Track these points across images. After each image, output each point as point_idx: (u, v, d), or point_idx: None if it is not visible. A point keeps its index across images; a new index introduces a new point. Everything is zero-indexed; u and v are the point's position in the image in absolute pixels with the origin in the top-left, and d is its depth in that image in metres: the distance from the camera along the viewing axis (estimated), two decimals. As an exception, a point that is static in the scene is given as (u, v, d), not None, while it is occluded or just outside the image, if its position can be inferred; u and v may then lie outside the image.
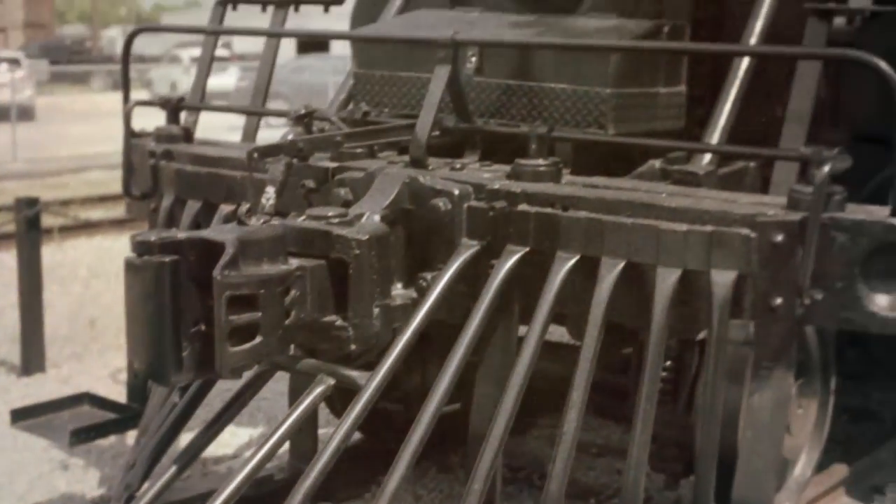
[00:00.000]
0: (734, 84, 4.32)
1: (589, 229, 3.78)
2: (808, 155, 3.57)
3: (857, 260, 3.53)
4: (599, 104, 4.35)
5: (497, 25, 4.82)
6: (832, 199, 3.56)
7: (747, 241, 3.56)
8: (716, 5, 5.46)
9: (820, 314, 3.60)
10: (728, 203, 3.74)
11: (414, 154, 4.24)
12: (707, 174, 4.15)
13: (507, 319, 4.00)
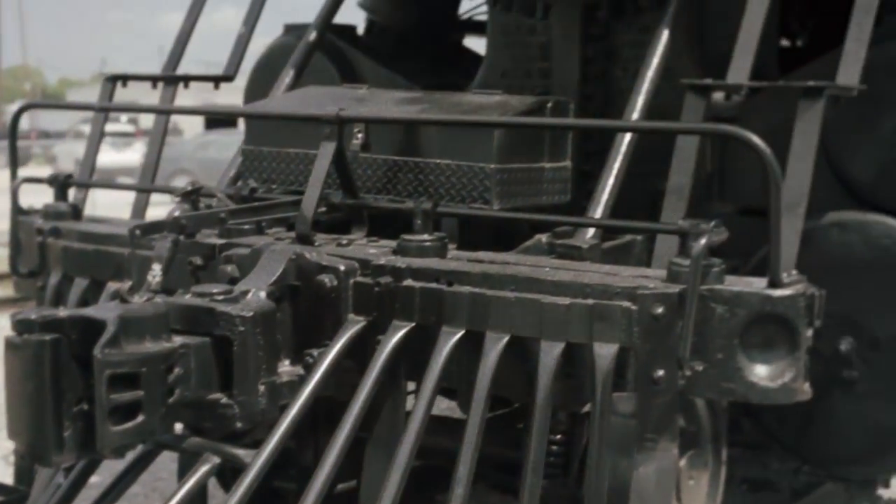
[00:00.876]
0: (617, 159, 4.39)
1: (473, 304, 3.80)
2: (685, 228, 3.63)
3: (736, 331, 3.58)
4: (484, 179, 4.39)
5: (384, 102, 4.86)
6: (711, 271, 3.62)
7: (628, 314, 3.60)
8: (603, 82, 5.56)
9: (701, 385, 3.64)
10: (610, 276, 3.79)
11: (300, 230, 4.25)
12: (591, 248, 4.20)
13: (394, 395, 4.01)
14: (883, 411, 4.92)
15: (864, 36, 4.38)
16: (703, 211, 5.04)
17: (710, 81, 4.38)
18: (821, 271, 4.67)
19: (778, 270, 3.60)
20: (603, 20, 5.53)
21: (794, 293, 3.58)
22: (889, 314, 4.81)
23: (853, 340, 4.90)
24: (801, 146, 4.04)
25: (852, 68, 4.30)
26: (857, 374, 4.92)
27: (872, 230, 4.83)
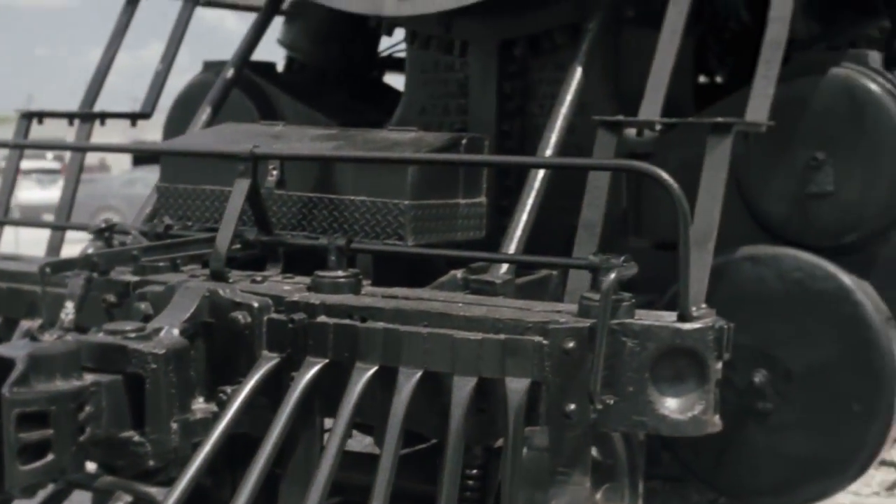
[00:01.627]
0: (530, 195, 4.43)
1: (387, 340, 3.81)
2: (595, 263, 3.66)
3: (646, 364, 3.62)
4: (398, 216, 4.41)
5: (300, 138, 4.87)
6: (621, 305, 3.65)
7: (539, 349, 3.62)
8: (521, 119, 5.60)
9: (613, 419, 3.67)
10: (522, 311, 3.81)
11: (214, 267, 4.23)
12: (504, 283, 4.23)
13: (308, 431, 4.00)
14: (797, 443, 4.98)
15: (771, 73, 4.45)
16: (620, 246, 5.09)
17: (622, 118, 4.44)
18: (735, 305, 4.75)
19: (687, 304, 3.64)
20: (520, 57, 5.58)
21: (703, 326, 3.62)
22: (802, 347, 4.88)
23: (767, 373, 4.96)
24: (709, 181, 4.09)
25: (760, 105, 4.37)
26: (772, 406, 4.98)
27: (784, 264, 4.90)
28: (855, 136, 4.94)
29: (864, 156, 4.92)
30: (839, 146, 4.94)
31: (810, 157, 4.94)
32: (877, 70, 5.01)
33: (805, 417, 4.94)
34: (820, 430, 4.93)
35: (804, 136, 4.97)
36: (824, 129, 4.96)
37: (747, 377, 4.98)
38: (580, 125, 4.94)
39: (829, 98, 4.97)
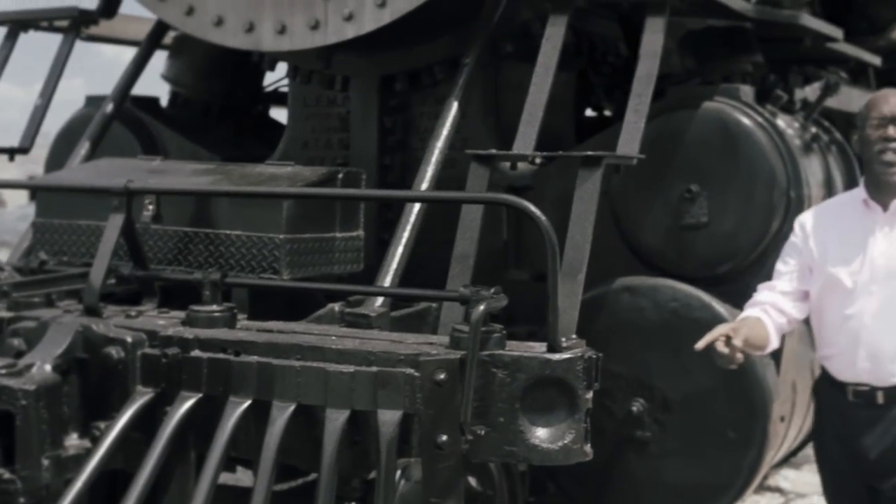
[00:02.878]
0: (406, 228, 4.47)
1: (260, 373, 3.80)
2: (466, 295, 3.69)
3: (516, 395, 3.64)
4: (273, 250, 4.41)
5: (177, 173, 4.86)
6: (492, 336, 3.68)
7: (411, 381, 3.63)
8: (402, 153, 5.64)
9: (484, 449, 3.69)
10: (394, 344, 3.83)
11: (88, 302, 4.20)
12: (379, 316, 4.25)
13: (182, 466, 3.97)
14: (676, 470, 5.04)
15: (642, 107, 4.53)
16: (501, 278, 5.14)
17: (494, 151, 4.49)
18: (613, 335, 4.82)
19: (556, 335, 3.67)
20: (400, 92, 5.63)
21: (572, 357, 3.65)
22: (679, 376, 4.95)
23: (645, 402, 5.02)
24: (580, 214, 4.15)
25: (631, 138, 4.44)
26: (650, 434, 5.04)
27: (661, 294, 4.98)
28: (728, 168, 5.03)
29: (738, 188, 5.02)
30: (713, 178, 5.03)
31: (685, 190, 5.03)
32: (749, 104, 5.12)
33: (683, 445, 5.01)
34: (698, 457, 5.00)
35: (679, 168, 5.06)
36: (698, 161, 5.05)
37: (626, 406, 5.04)
38: (461, 159, 4.98)
39: (702, 131, 5.06)
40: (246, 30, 5.22)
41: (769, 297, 4.40)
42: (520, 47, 5.40)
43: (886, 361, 4.25)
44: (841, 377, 4.36)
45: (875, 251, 4.28)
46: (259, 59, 5.88)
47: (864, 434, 4.29)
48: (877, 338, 4.25)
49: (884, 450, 4.25)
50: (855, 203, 4.40)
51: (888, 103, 4.27)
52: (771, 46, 6.02)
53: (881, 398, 4.27)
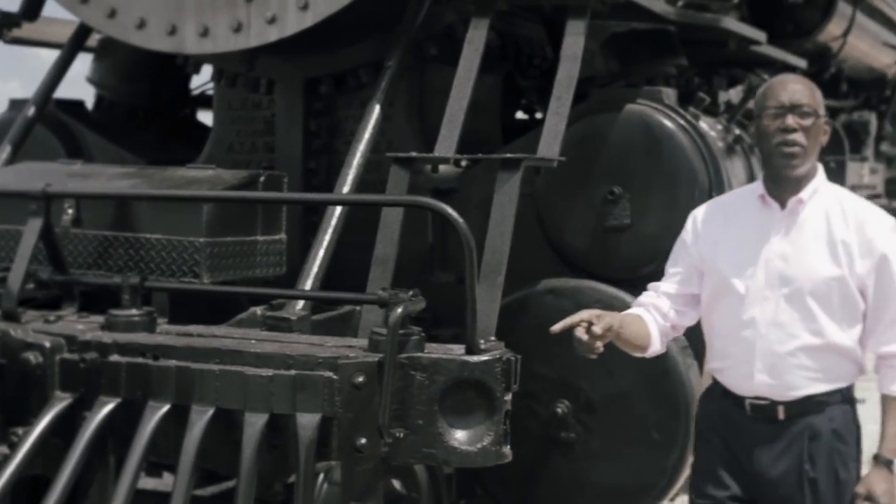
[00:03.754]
0: (327, 231, 4.47)
1: (179, 378, 3.79)
2: (384, 298, 3.69)
3: (435, 397, 3.65)
4: (193, 253, 4.40)
5: (97, 177, 4.83)
6: (410, 339, 3.69)
7: (330, 384, 3.63)
8: (327, 156, 5.63)
9: (403, 451, 3.69)
10: (314, 347, 3.83)
11: (6, 307, 4.17)
12: (300, 319, 4.24)
13: (102, 471, 3.95)
14: (600, 471, 5.07)
15: (563, 110, 4.55)
16: (427, 281, 5.15)
17: (414, 154, 4.49)
18: (537, 337, 4.82)
19: (474, 337, 3.68)
20: (325, 95, 5.62)
21: (491, 359, 3.66)
22: (602, 377, 4.97)
23: (570, 403, 5.04)
24: (499, 216, 4.16)
25: (552, 140, 4.46)
26: (575, 436, 5.06)
27: (584, 296, 4.99)
28: (650, 170, 5.06)
29: (660, 190, 5.05)
30: (635, 181, 5.06)
31: (608, 192, 5.05)
32: (671, 107, 5.15)
33: (607, 446, 5.04)
34: (622, 458, 5.02)
35: (602, 171, 5.08)
36: (621, 164, 5.08)
37: (550, 408, 5.06)
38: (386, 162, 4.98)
39: (625, 134, 5.09)
40: (168, 32, 5.20)
41: (651, 298, 4.12)
42: (444, 50, 5.41)
43: (785, 374, 3.83)
44: (737, 391, 3.95)
45: (771, 253, 3.86)
46: (183, 62, 5.85)
47: (762, 452, 3.89)
48: (774, 348, 3.83)
49: (785, 470, 3.86)
50: (752, 198, 3.98)
51: (786, 90, 3.84)
52: (697, 49, 6.07)
53: (782, 413, 3.86)
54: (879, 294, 3.81)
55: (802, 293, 3.81)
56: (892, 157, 12.53)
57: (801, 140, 3.80)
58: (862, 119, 10.13)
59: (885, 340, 3.84)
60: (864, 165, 9.81)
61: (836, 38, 8.93)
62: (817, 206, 3.87)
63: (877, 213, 3.91)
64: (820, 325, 3.81)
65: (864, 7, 9.36)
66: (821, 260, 3.81)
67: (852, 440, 3.91)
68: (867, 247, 3.80)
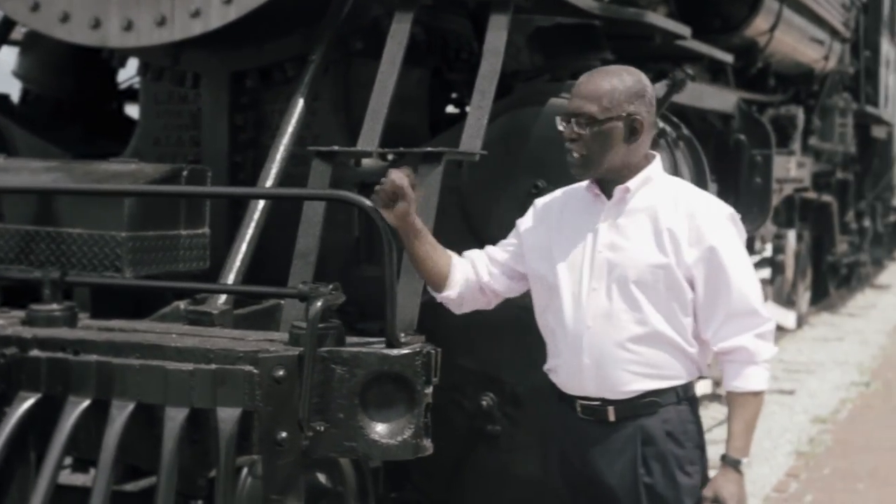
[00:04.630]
0: (249, 226, 4.47)
1: (100, 373, 3.79)
2: (304, 292, 3.71)
3: (355, 391, 3.67)
4: (115, 248, 4.39)
5: (18, 171, 4.80)
6: (330, 332, 3.71)
7: (250, 378, 3.65)
8: (254, 150, 5.62)
9: (324, 445, 3.71)
10: (235, 341, 3.84)
11: (-77, 303, 4.16)
12: (222, 313, 4.25)
13: (22, 467, 3.94)
14: (526, 464, 5.09)
15: (485, 104, 4.57)
16: (354, 275, 5.16)
17: (336, 148, 4.51)
18: (462, 330, 4.84)
19: (394, 331, 3.71)
20: (251, 89, 5.60)
21: (411, 352, 3.69)
22: (527, 370, 4.98)
23: (495, 396, 5.07)
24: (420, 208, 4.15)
25: (474, 135, 4.48)
26: (500, 428, 5.09)
27: None
28: (573, 164, 5.07)
29: (583, 184, 5.07)
30: (559, 174, 5.04)
31: (532, 185, 5.06)
32: (595, 100, 5.17)
33: (532, 439, 5.06)
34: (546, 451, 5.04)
35: (526, 164, 5.09)
36: (545, 157, 5.08)
37: (476, 401, 5.08)
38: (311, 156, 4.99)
39: (549, 128, 5.06)
40: (92, 26, 5.18)
41: (475, 253, 4.03)
42: (370, 44, 5.40)
43: (613, 368, 3.71)
44: (568, 390, 3.83)
45: (598, 244, 3.75)
46: (108, 55, 5.82)
47: (596, 456, 3.78)
48: (601, 340, 3.71)
49: (621, 475, 3.74)
50: (584, 191, 3.90)
51: (574, 96, 3.80)
52: (625, 44, 6.11)
53: (612, 415, 3.75)
54: (710, 287, 3.69)
55: (627, 282, 3.69)
56: (820, 151, 12.69)
57: (580, 150, 3.74)
58: (789, 113, 10.22)
59: (723, 336, 3.71)
60: (790, 159, 9.90)
61: (763, 32, 9.01)
62: (647, 195, 3.78)
63: (711, 203, 3.82)
64: (645, 315, 3.69)
65: (791, 2, 9.44)
66: (646, 248, 3.70)
67: (690, 442, 3.78)
68: (696, 235, 3.68)
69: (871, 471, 7.87)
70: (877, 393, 10.55)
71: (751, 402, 3.73)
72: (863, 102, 15.07)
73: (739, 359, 3.72)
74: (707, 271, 3.70)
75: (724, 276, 3.69)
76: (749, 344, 3.70)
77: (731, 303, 3.69)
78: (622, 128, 3.74)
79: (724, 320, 3.71)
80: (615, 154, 3.75)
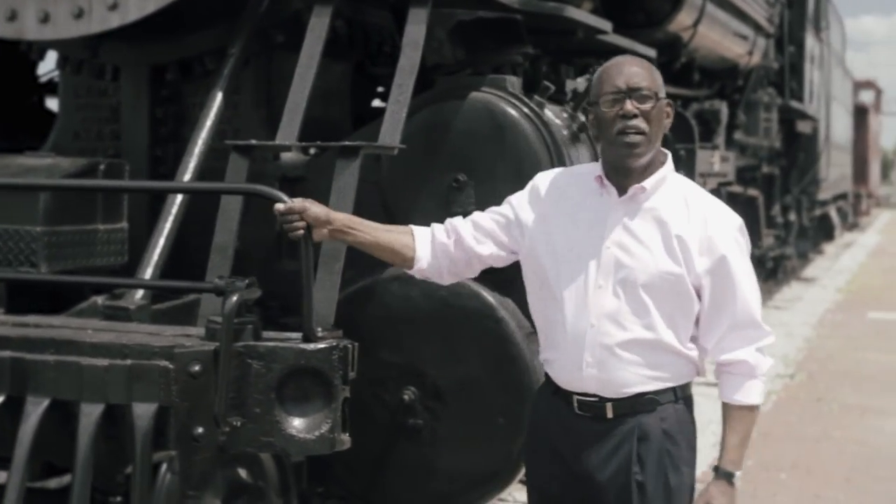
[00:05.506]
0: (167, 220, 4.45)
1: (14, 368, 3.76)
2: (220, 286, 3.69)
3: (272, 385, 3.67)
4: (30, 242, 4.35)
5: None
6: (246, 327, 3.69)
7: (166, 373, 3.63)
8: (174, 144, 5.59)
9: (241, 440, 3.71)
10: (151, 336, 3.82)
11: None
12: (139, 308, 4.22)
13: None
14: (448, 458, 5.09)
15: (404, 98, 4.57)
16: (275, 269, 5.14)
17: (253, 142, 4.49)
18: (384, 324, 4.84)
19: (311, 325, 3.70)
20: (172, 82, 5.57)
21: (327, 347, 3.69)
22: (449, 364, 4.99)
23: (417, 390, 5.06)
24: (337, 203, 4.17)
25: (393, 129, 4.48)
26: (422, 422, 5.08)
27: (430, 283, 5.00)
28: (494, 158, 5.08)
29: (504, 177, 5.05)
30: (480, 168, 5.08)
31: (453, 179, 5.06)
32: (515, 95, 5.18)
33: (454, 432, 5.06)
34: (469, 444, 5.04)
35: (447, 158, 5.09)
36: (466, 151, 5.09)
37: (398, 395, 5.07)
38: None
39: (469, 122, 5.11)
40: (8, 18, 5.13)
41: (455, 219, 3.90)
42: (291, 37, 5.38)
43: (615, 368, 3.58)
44: (565, 385, 3.69)
45: (607, 240, 3.60)
46: (27, 48, 5.76)
47: (590, 452, 3.64)
48: (605, 340, 3.57)
49: (614, 472, 3.62)
50: (589, 179, 3.69)
51: (622, 73, 3.56)
52: (549, 39, 6.11)
53: (610, 411, 3.62)
54: (717, 296, 3.60)
55: (636, 285, 3.56)
56: (745, 146, 12.78)
57: (643, 126, 3.52)
58: (713, 108, 10.27)
59: (725, 347, 3.63)
60: (714, 154, 9.95)
61: (686, 27, 9.06)
62: (661, 197, 3.62)
63: (722, 211, 3.68)
64: (652, 320, 3.58)
65: (715, -3, 9.53)
66: (658, 253, 3.57)
67: (685, 442, 3.69)
68: (707, 245, 3.57)
69: (794, 461, 7.94)
70: (801, 385, 10.66)
71: (748, 415, 3.69)
72: (787, 97, 15.21)
73: (740, 371, 3.65)
74: (715, 281, 3.59)
75: (732, 287, 3.59)
76: (750, 358, 3.63)
77: (736, 314, 3.61)
78: (664, 110, 3.64)
79: (727, 331, 3.63)
80: (659, 139, 3.62)
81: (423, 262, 3.82)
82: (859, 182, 36.07)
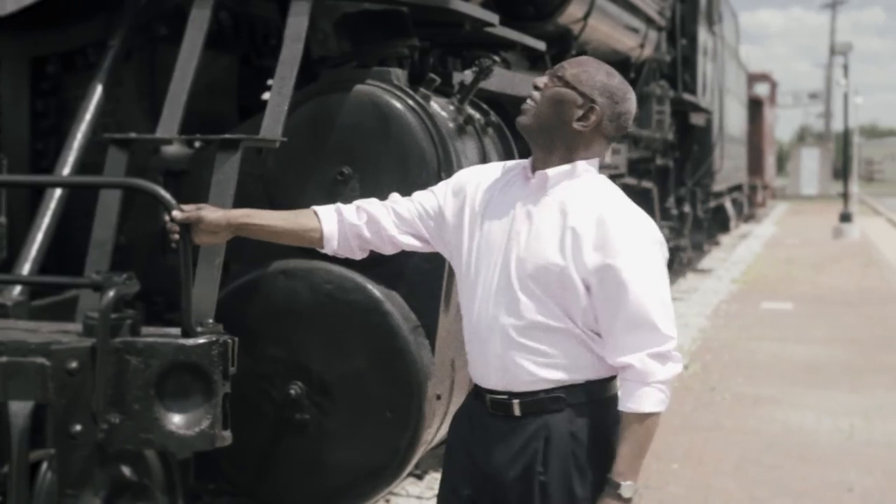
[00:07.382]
0: (46, 215, 4.38)
1: None
2: (98, 281, 3.65)
3: (151, 381, 3.63)
4: None
5: None
6: (125, 323, 3.65)
7: (42, 370, 3.58)
8: (56, 137, 5.51)
9: (120, 437, 3.67)
10: (27, 333, 3.76)
11: None
12: (17, 305, 4.16)
13: None
14: (335, 453, 5.07)
15: (286, 90, 4.54)
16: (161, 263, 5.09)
17: (132, 135, 4.44)
18: (270, 319, 4.82)
19: (190, 320, 3.67)
20: (53, 75, 5.49)
21: (207, 342, 3.66)
22: (335, 358, 4.98)
23: (303, 385, 5.04)
24: (217, 196, 4.14)
25: (274, 121, 4.45)
26: (309, 417, 5.06)
27: (316, 277, 4.99)
28: (379, 151, 5.07)
29: (389, 170, 5.05)
30: (365, 161, 5.07)
31: (338, 172, 5.05)
32: (400, 87, 5.18)
33: (341, 427, 5.04)
34: (356, 438, 5.03)
35: (332, 151, 5.07)
36: (350, 144, 5.08)
37: (284, 390, 5.04)
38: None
39: (353, 114, 5.09)
40: None
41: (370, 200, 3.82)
42: (174, 30, 5.33)
43: (515, 357, 3.52)
44: (479, 381, 3.64)
45: (511, 230, 3.55)
46: None
47: (498, 451, 3.58)
48: (504, 329, 3.52)
49: (520, 473, 3.54)
50: (516, 171, 3.68)
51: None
52: (437, 31, 6.11)
53: (518, 409, 3.54)
54: (608, 295, 3.48)
55: (526, 275, 3.50)
56: (638, 138, 12.88)
57: (537, 96, 3.53)
58: (603, 100, 10.32)
59: (617, 349, 3.50)
60: (605, 145, 10.00)
61: (576, 20, 9.08)
62: (572, 191, 3.54)
63: (633, 217, 3.56)
64: (547, 308, 3.49)
65: (605, -10, 9.58)
66: (547, 243, 3.50)
67: (596, 445, 3.55)
68: (602, 242, 3.47)
69: (686, 451, 8.02)
70: (695, 375, 10.77)
71: (641, 424, 3.50)
72: (680, 90, 15.35)
73: (630, 377, 3.50)
74: (605, 280, 3.47)
75: (623, 286, 3.46)
76: (638, 363, 3.47)
77: (629, 316, 3.48)
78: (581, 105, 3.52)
79: (621, 333, 3.49)
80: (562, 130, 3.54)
81: (333, 241, 3.77)
82: (755, 174, 36.50)
